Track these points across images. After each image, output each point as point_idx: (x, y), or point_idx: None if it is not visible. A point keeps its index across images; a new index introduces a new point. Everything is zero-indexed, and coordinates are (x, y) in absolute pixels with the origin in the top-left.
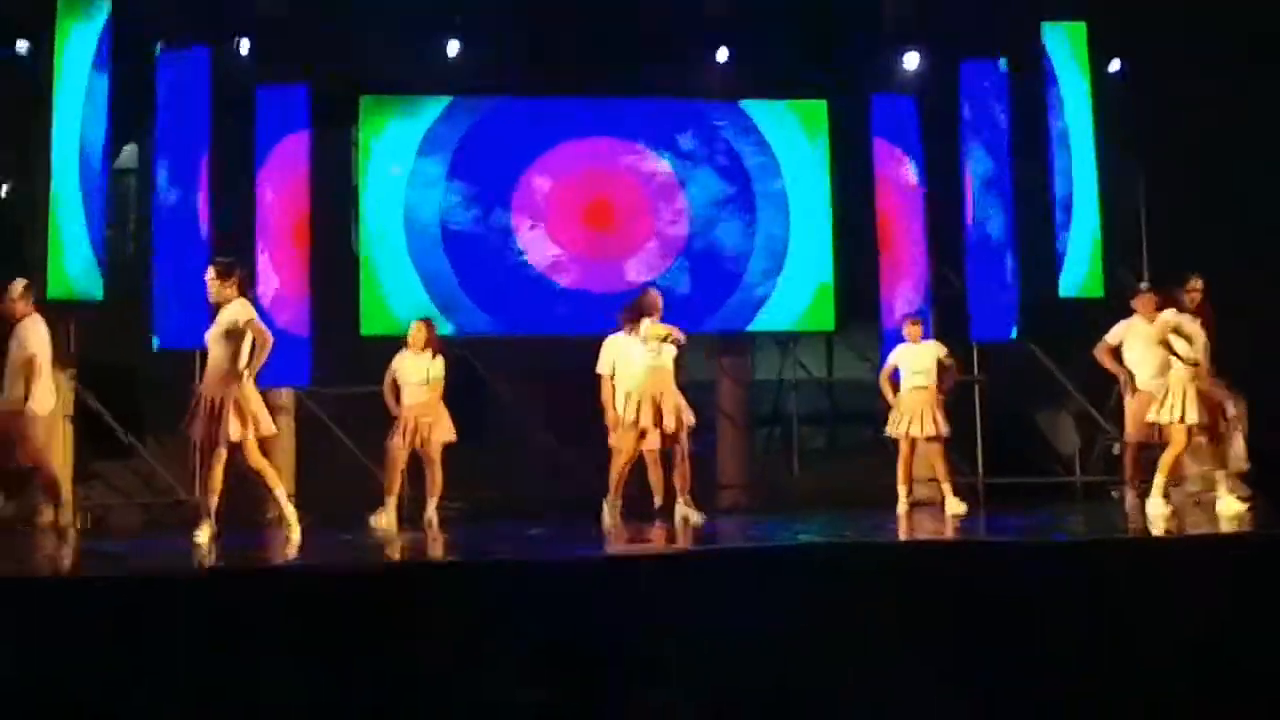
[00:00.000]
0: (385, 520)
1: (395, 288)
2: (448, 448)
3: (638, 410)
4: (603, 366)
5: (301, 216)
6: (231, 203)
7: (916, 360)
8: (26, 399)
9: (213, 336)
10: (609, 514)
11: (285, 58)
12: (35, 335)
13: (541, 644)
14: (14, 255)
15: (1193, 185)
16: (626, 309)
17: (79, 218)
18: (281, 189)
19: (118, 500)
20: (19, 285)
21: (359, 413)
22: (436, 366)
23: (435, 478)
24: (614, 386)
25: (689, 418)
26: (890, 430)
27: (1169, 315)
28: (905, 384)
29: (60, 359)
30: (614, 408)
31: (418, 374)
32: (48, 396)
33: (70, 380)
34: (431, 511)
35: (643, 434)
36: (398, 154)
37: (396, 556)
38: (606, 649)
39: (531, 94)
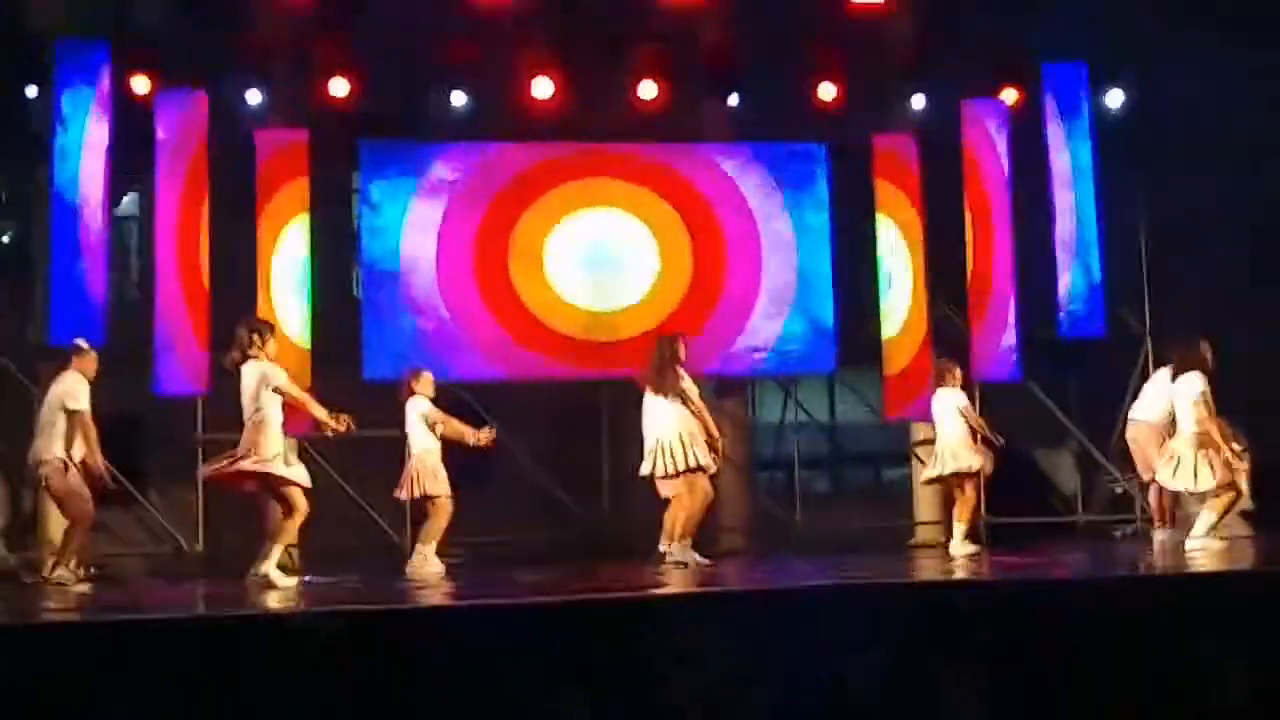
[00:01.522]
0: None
1: (396, 332)
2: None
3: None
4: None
5: (300, 260)
6: (233, 249)
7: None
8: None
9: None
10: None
11: (284, 102)
12: (82, 389)
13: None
14: (18, 301)
15: (1194, 223)
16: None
17: (80, 264)
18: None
19: (120, 550)
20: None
21: (360, 459)
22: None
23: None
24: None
25: None
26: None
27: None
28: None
29: None
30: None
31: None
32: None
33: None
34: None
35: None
36: (397, 198)
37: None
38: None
39: (530, 138)
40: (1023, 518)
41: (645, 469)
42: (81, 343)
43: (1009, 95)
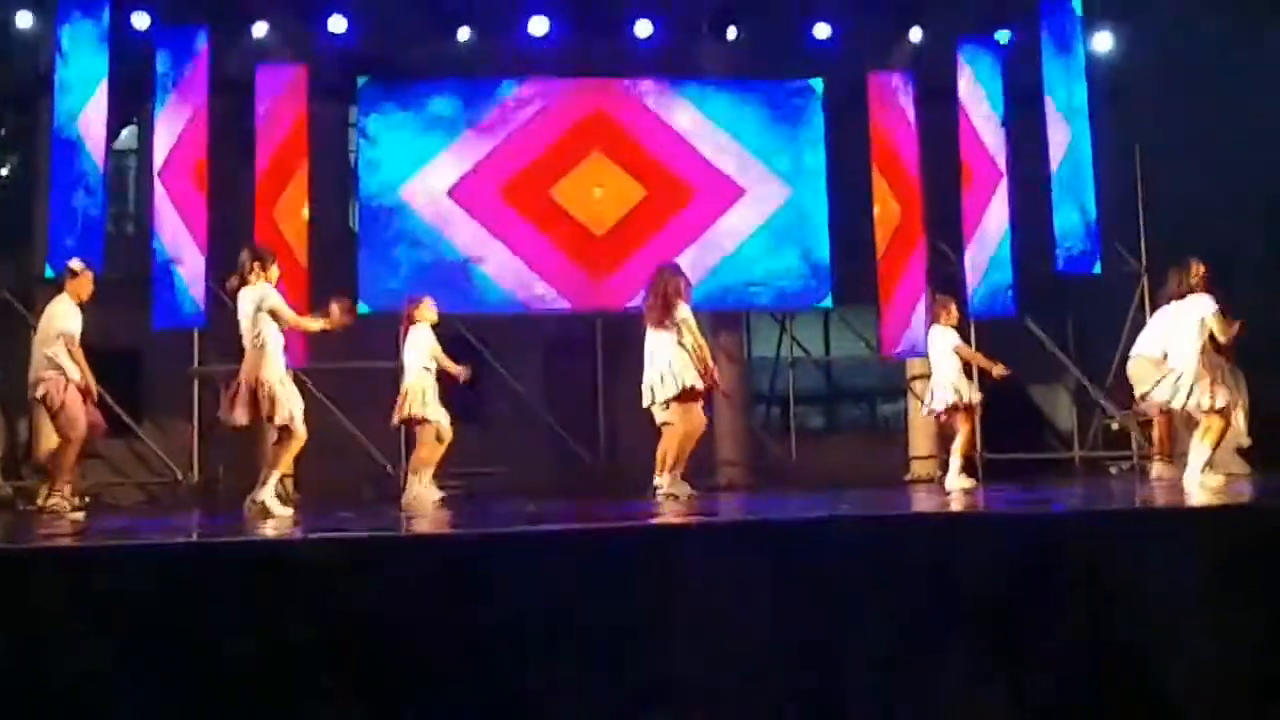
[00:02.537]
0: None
1: (392, 265)
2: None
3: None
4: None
5: (297, 194)
6: (232, 183)
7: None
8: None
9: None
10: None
11: (284, 38)
12: (73, 312)
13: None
14: (17, 232)
15: (1190, 161)
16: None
17: (79, 197)
18: (280, 167)
19: (116, 480)
20: (78, 263)
21: (358, 390)
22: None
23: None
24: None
25: None
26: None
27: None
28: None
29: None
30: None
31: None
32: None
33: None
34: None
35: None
36: (394, 134)
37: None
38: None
39: (529, 73)
40: (1020, 454)
41: (645, 400)
42: (74, 264)
43: (1003, 35)
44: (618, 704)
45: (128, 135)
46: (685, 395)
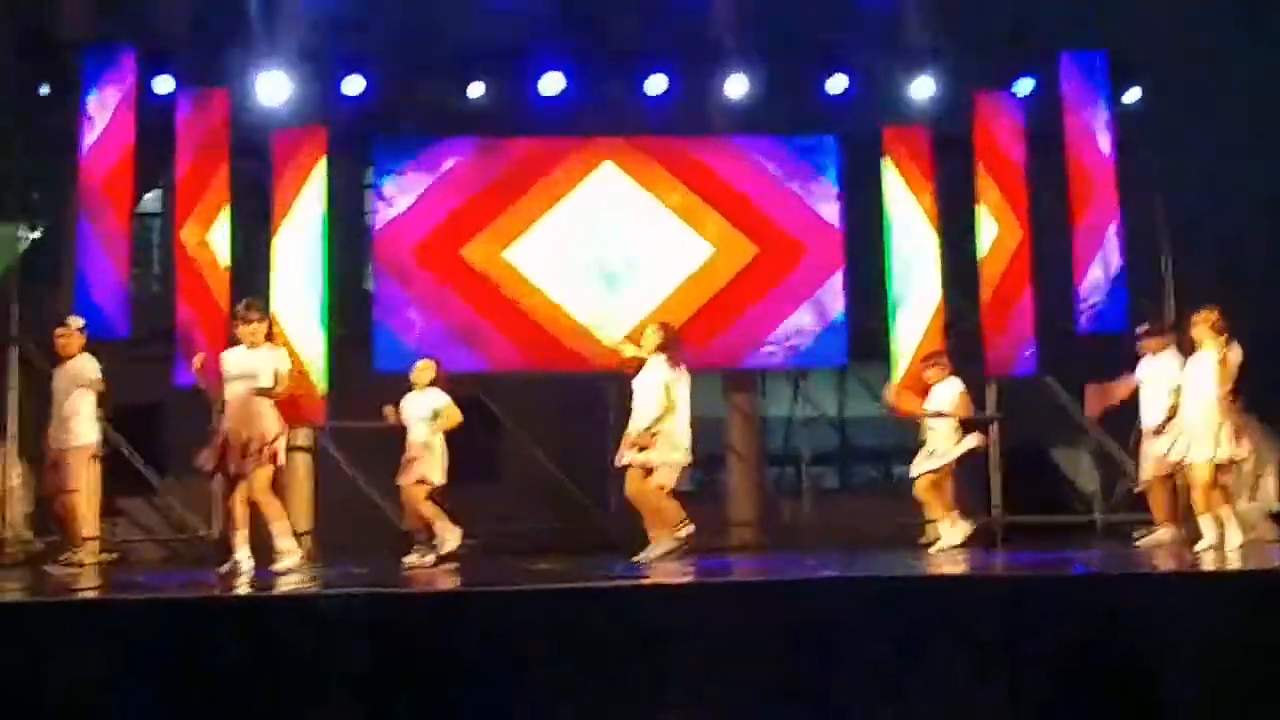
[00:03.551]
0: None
1: (406, 324)
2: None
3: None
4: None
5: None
6: (249, 243)
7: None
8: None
9: (243, 375)
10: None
11: (302, 99)
12: (93, 370)
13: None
14: (47, 294)
15: (1215, 214)
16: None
17: (104, 259)
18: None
19: (141, 536)
20: (78, 321)
21: (376, 450)
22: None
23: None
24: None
25: None
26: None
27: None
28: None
29: None
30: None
31: (414, 413)
32: (93, 431)
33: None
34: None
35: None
36: (409, 192)
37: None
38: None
39: (542, 132)
40: (1040, 516)
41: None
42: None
43: (1024, 85)
44: None
45: (151, 199)
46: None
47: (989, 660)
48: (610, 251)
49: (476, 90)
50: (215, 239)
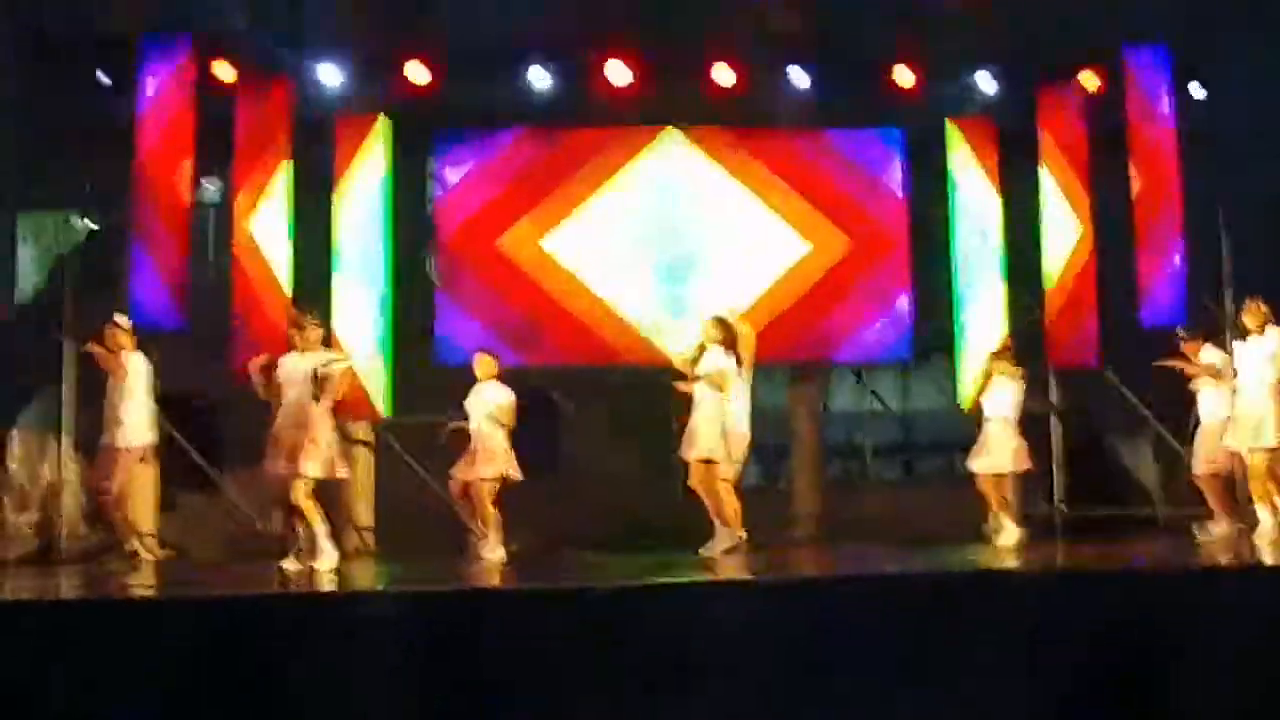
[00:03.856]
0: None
1: (469, 316)
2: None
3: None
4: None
5: (376, 245)
6: (309, 234)
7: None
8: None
9: (298, 380)
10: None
11: (364, 88)
12: (144, 368)
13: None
14: (105, 286)
15: (1276, 209)
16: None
17: (162, 249)
18: (362, 218)
19: (198, 531)
20: (126, 320)
21: (438, 444)
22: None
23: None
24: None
25: None
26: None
27: None
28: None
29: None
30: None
31: (475, 406)
32: (147, 429)
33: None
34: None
35: None
36: (471, 183)
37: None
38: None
39: (606, 122)
40: (1101, 509)
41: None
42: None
43: (1087, 80)
44: None
45: (212, 188)
46: None
47: (1042, 655)
48: (678, 246)
49: (540, 80)
50: (275, 230)
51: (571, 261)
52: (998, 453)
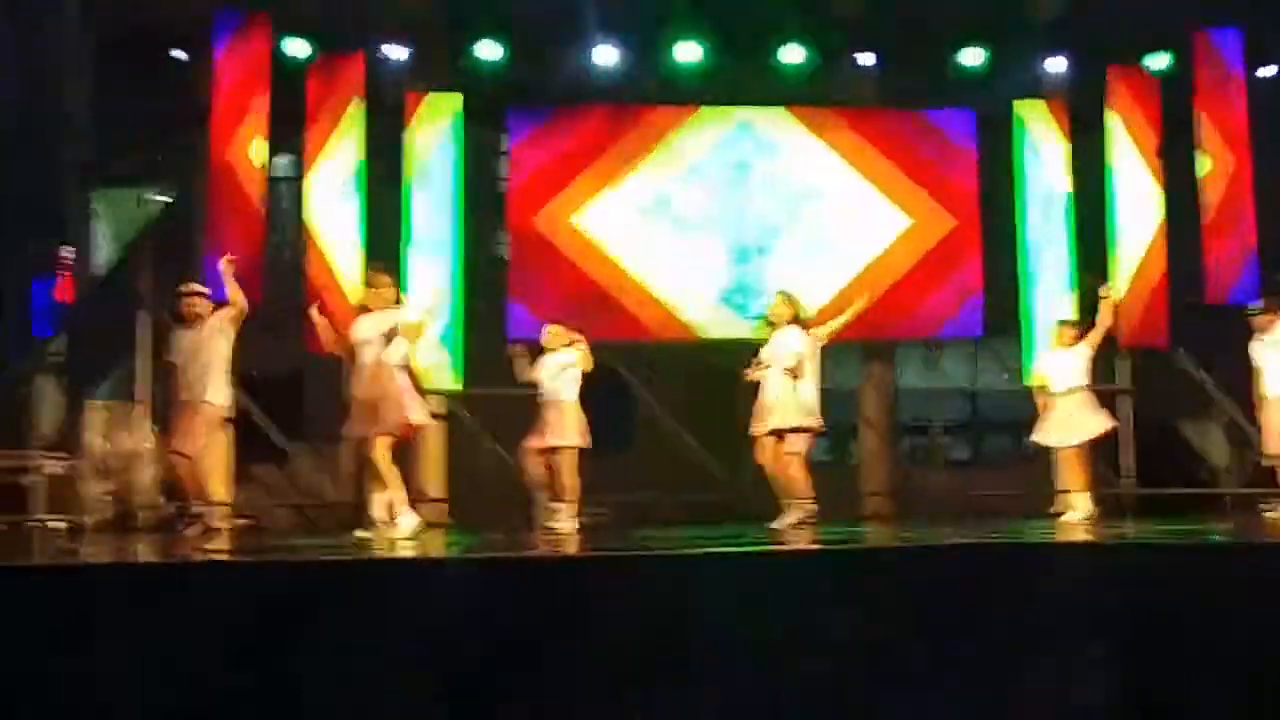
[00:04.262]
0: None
1: (543, 292)
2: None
3: None
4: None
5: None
6: (382, 209)
7: (1068, 365)
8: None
9: (371, 340)
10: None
11: (438, 64)
12: (228, 335)
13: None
14: (180, 261)
15: None
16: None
17: (236, 223)
18: (433, 194)
19: (272, 502)
20: (203, 289)
21: (507, 416)
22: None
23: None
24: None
25: None
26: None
27: None
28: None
29: None
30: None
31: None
32: (227, 394)
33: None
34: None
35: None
36: (543, 161)
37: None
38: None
39: (676, 101)
40: (1170, 489)
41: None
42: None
43: (1158, 60)
44: None
45: (284, 163)
46: None
47: (1106, 629)
48: (754, 226)
49: (610, 57)
50: (348, 205)
51: (642, 238)
52: (1073, 425)
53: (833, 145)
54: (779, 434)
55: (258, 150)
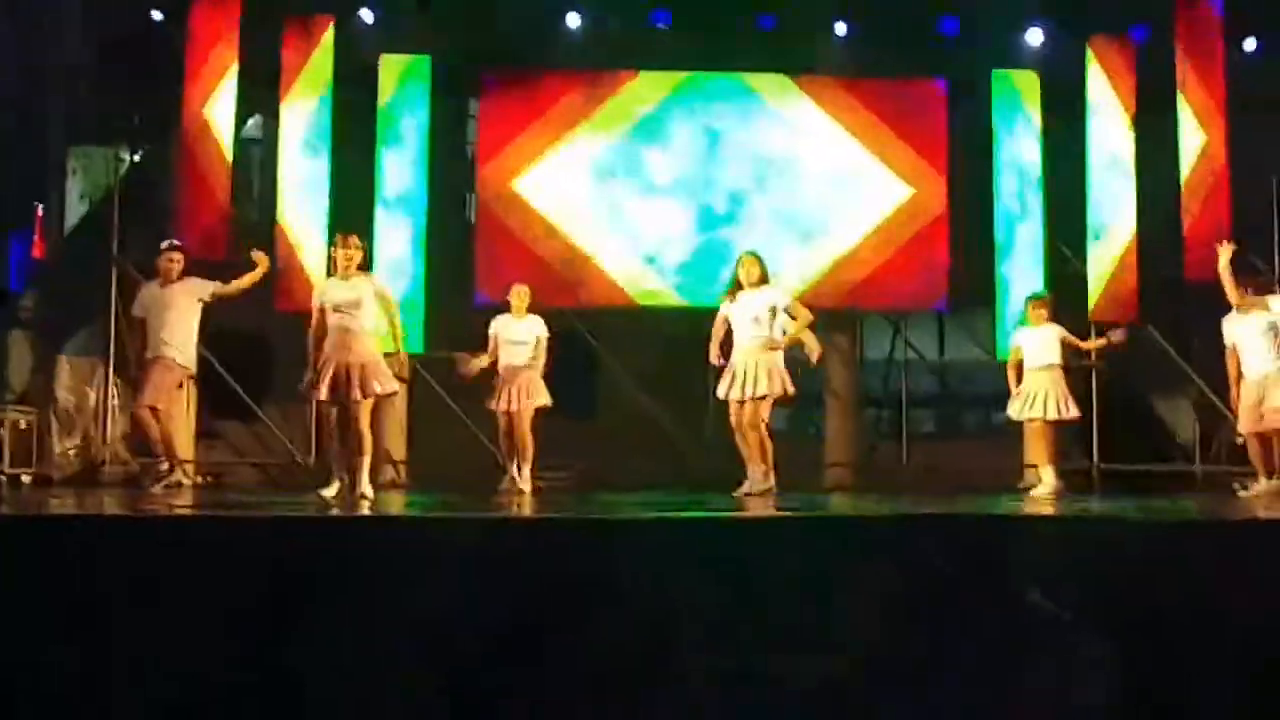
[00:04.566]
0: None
1: (510, 256)
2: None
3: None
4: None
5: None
6: (352, 171)
7: (1041, 342)
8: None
9: (341, 305)
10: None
11: (408, 28)
12: (203, 302)
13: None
14: (148, 217)
15: None
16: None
17: (205, 182)
18: (402, 157)
19: (236, 460)
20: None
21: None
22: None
23: (523, 442)
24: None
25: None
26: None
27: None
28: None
29: None
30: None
31: (518, 337)
32: (192, 354)
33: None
34: (524, 478)
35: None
36: (514, 125)
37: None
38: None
39: (649, 67)
40: (1139, 465)
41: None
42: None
43: (1138, 32)
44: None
45: (253, 124)
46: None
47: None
48: (722, 191)
49: (581, 22)
50: (317, 166)
51: (608, 204)
52: (1045, 401)
53: (807, 111)
54: (754, 400)
55: (228, 110)
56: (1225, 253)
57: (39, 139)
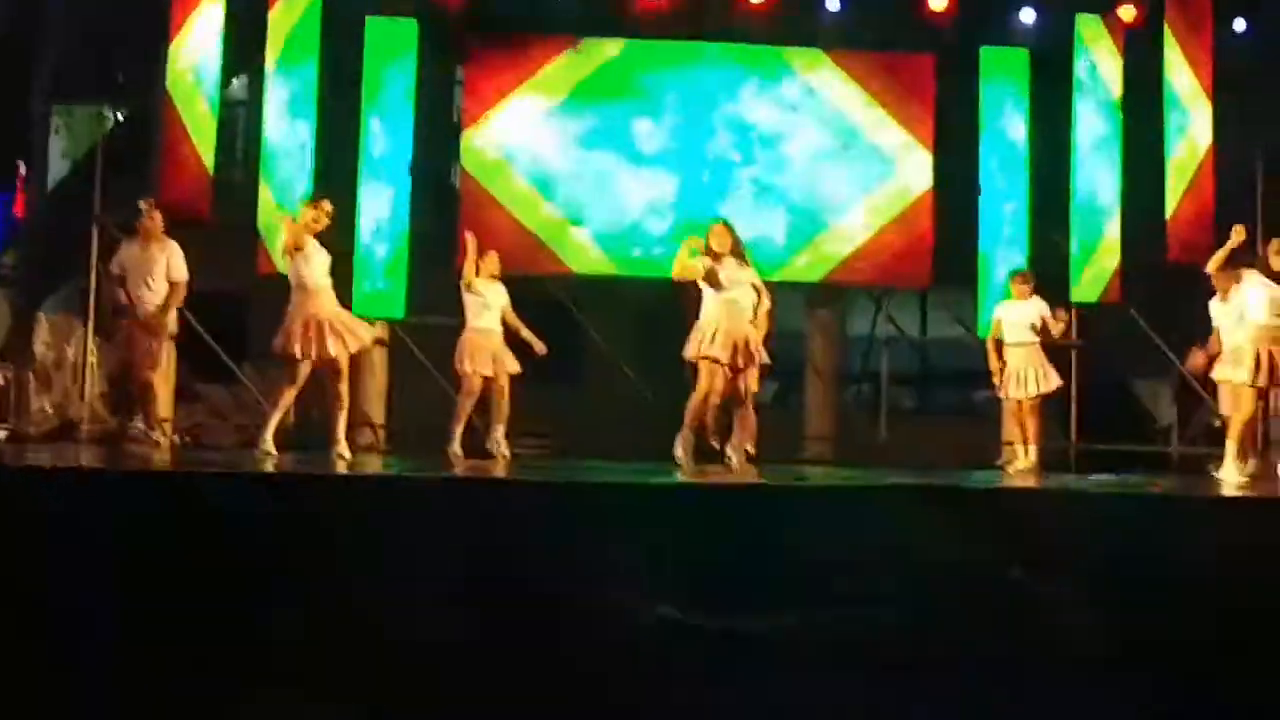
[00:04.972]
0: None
1: (493, 223)
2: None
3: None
4: None
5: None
6: (338, 134)
7: (1023, 317)
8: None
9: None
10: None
11: None
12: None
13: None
14: (132, 174)
15: None
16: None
17: (189, 141)
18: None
19: (215, 421)
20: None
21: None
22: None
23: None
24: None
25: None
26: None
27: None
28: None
29: None
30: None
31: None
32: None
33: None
34: (498, 440)
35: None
36: (501, 91)
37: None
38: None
39: (638, 35)
40: (1116, 445)
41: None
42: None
43: (1126, 11)
44: None
45: (238, 85)
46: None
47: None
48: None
49: None
50: (301, 128)
51: (594, 173)
52: (1026, 379)
53: (795, 84)
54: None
55: (213, 70)
56: (1233, 240)
57: (19, 98)
